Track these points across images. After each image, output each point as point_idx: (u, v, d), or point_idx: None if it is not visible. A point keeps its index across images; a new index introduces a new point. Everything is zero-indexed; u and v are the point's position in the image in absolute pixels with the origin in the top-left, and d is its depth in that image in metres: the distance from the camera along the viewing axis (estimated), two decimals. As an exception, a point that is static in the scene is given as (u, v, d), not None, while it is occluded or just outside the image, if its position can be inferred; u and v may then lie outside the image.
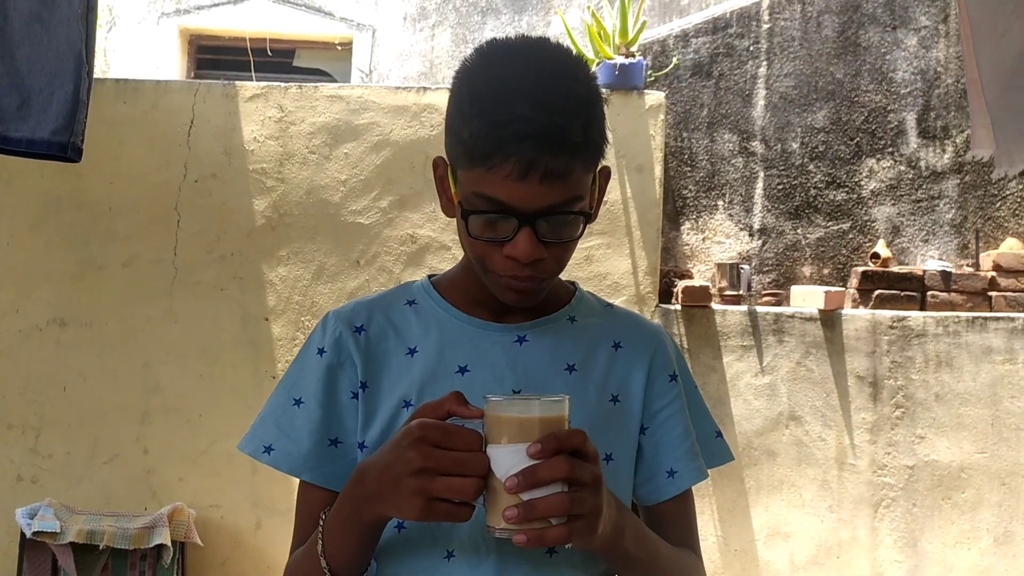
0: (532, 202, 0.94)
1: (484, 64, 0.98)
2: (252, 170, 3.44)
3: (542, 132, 0.91)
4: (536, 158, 0.91)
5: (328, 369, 1.06)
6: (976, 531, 3.49)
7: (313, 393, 1.05)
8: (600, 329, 1.12)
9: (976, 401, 3.50)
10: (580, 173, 0.96)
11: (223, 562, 3.37)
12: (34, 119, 2.12)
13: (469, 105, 0.95)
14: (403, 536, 1.02)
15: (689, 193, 3.89)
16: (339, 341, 1.06)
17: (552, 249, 0.98)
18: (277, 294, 3.43)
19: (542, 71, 0.95)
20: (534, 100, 0.91)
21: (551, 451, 0.82)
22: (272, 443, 1.05)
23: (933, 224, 3.92)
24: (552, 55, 0.98)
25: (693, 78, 3.93)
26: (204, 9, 5.26)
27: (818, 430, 3.49)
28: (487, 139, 0.92)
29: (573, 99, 0.94)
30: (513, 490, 0.82)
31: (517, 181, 0.92)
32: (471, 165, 0.94)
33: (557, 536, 0.83)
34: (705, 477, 1.10)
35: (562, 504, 0.82)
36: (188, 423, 3.38)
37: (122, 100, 3.42)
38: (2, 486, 3.35)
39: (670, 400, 1.10)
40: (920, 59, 3.97)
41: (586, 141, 0.95)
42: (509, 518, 0.81)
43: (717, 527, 3.46)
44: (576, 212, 0.97)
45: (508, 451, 0.84)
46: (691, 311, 3.50)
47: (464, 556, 1.00)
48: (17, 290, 3.38)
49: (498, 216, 0.95)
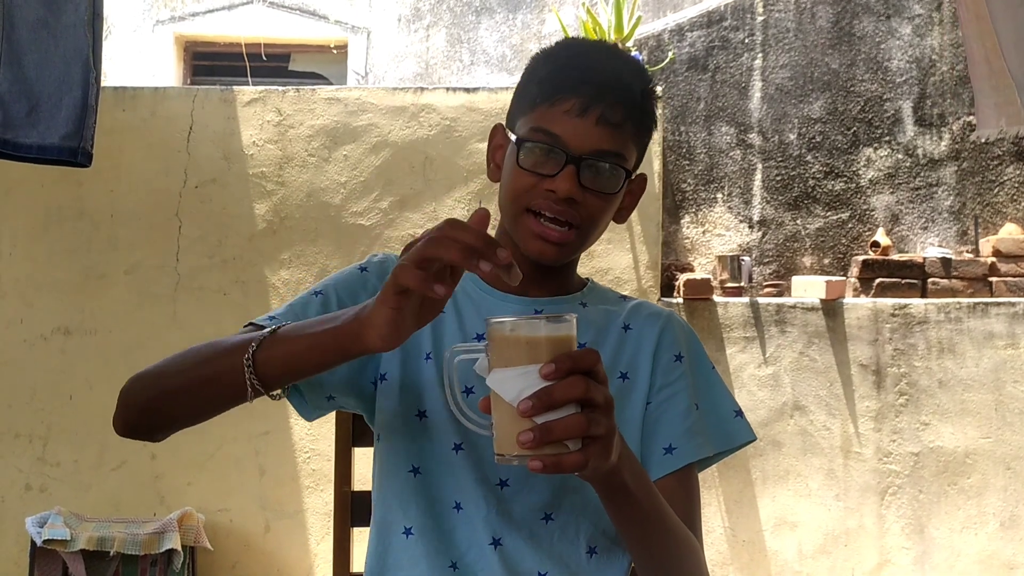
0: (583, 141, 1.01)
1: (562, 42, 1.12)
2: (252, 174, 3.45)
3: (608, 80, 1.03)
4: (597, 100, 1.01)
5: (361, 279, 1.11)
6: (983, 516, 3.50)
7: (335, 288, 1.10)
8: (611, 315, 1.15)
9: (979, 387, 3.51)
10: (630, 135, 1.05)
11: (233, 565, 3.38)
12: (43, 125, 2.13)
13: (544, 64, 1.07)
14: (417, 482, 1.05)
15: (688, 186, 3.90)
16: (383, 266, 1.13)
17: (589, 197, 1.03)
18: (280, 297, 3.43)
19: (615, 49, 1.13)
20: (605, 57, 1.06)
21: (565, 371, 0.78)
22: (277, 315, 1.07)
23: (932, 211, 3.93)
24: (624, 50, 1.18)
25: (689, 72, 3.94)
26: (199, 16, 5.27)
27: (823, 419, 3.50)
28: (557, 77, 1.03)
29: (638, 74, 1.08)
30: (527, 413, 0.77)
31: (576, 117, 1.01)
32: (535, 105, 1.04)
33: (575, 462, 0.79)
34: (705, 454, 1.10)
35: (580, 425, 0.78)
36: (194, 428, 3.36)
37: (120, 108, 3.42)
38: (11, 495, 3.36)
39: (674, 379, 1.11)
40: (915, 47, 3.98)
41: (641, 108, 1.06)
42: (524, 442, 0.77)
43: (724, 518, 3.47)
44: (619, 165, 1.04)
45: (517, 374, 0.79)
46: (693, 304, 3.51)
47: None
48: (21, 300, 3.39)
49: (549, 149, 1.02)
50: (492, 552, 1.03)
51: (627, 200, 1.11)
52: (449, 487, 1.05)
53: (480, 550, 1.04)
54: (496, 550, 1.04)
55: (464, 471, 1.05)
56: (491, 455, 0.84)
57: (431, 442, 1.07)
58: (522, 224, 1.05)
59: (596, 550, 1.07)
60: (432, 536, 1.05)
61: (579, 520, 1.06)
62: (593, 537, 1.07)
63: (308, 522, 3.39)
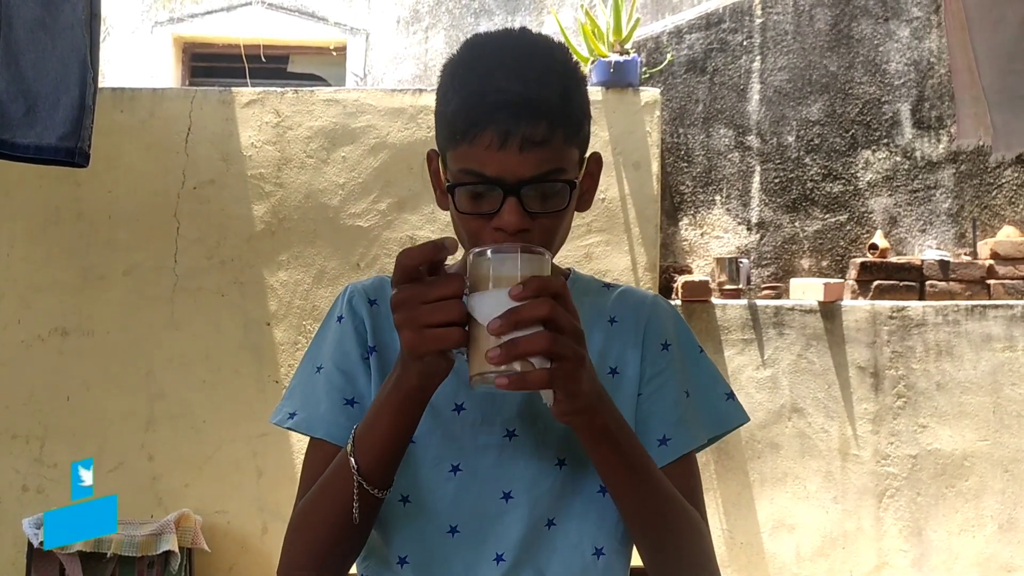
0: (514, 171, 0.96)
1: (466, 50, 1.03)
2: (250, 175, 3.45)
3: (518, 101, 0.95)
4: (514, 126, 0.94)
5: (343, 332, 1.10)
6: (980, 518, 3.50)
7: (330, 356, 1.09)
8: (596, 307, 1.13)
9: (977, 389, 3.52)
10: (561, 143, 0.98)
11: (230, 567, 3.37)
12: (41, 125, 2.13)
13: (451, 86, 1.00)
14: (407, 511, 1.04)
15: (686, 189, 3.90)
16: (354, 307, 1.11)
17: (539, 220, 0.99)
18: (278, 299, 3.43)
19: (519, 50, 1.00)
20: (510, 72, 0.96)
21: (533, 290, 0.83)
22: (295, 409, 1.08)
23: (930, 214, 3.93)
24: (530, 38, 1.03)
25: (688, 74, 3.94)
26: (197, 17, 5.27)
27: (821, 422, 3.50)
28: (467, 112, 0.96)
29: (549, 71, 0.98)
30: (495, 331, 0.83)
31: (497, 151, 0.95)
32: (456, 142, 0.98)
33: (539, 379, 0.83)
34: (699, 443, 1.09)
35: (543, 341, 0.82)
36: (192, 429, 3.39)
37: (119, 109, 3.42)
38: (8, 497, 3.35)
39: (662, 368, 1.10)
40: (913, 50, 3.99)
41: (564, 110, 0.98)
42: (492, 358, 0.82)
43: (722, 520, 3.47)
44: (559, 180, 0.98)
45: (489, 296, 0.85)
46: (691, 306, 3.51)
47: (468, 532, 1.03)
48: (19, 301, 3.39)
49: (484, 188, 0.97)
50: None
51: (587, 184, 1.07)
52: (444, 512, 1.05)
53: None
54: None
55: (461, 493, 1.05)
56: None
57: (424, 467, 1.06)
58: None
59: (602, 551, 1.06)
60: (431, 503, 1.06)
61: (582, 525, 1.05)
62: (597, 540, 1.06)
63: (306, 524, 3.38)
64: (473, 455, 1.03)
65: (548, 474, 1.04)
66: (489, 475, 1.04)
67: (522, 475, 1.04)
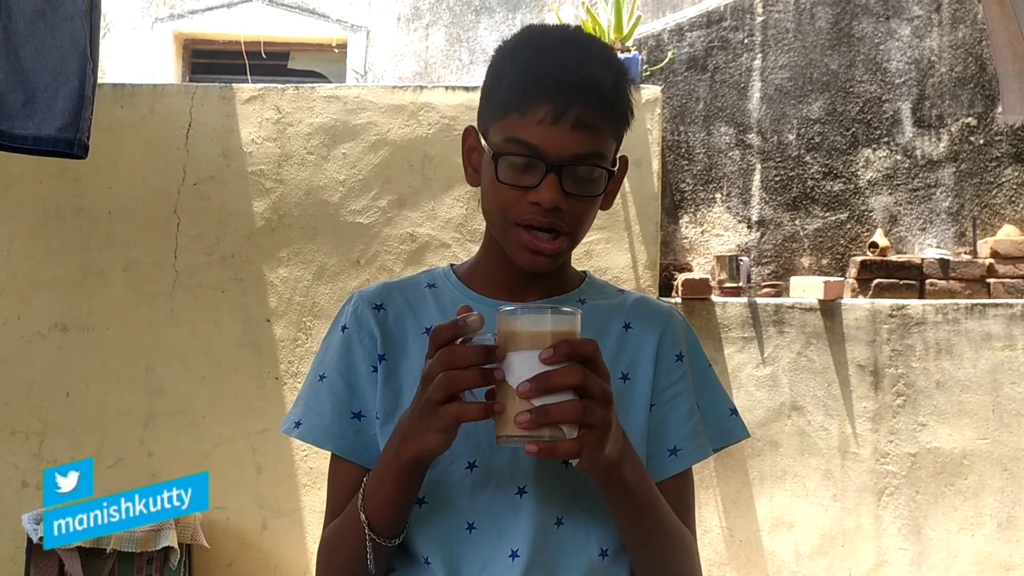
0: (561, 148, 0.98)
1: (525, 33, 1.06)
2: (251, 172, 3.45)
3: (579, 81, 0.97)
4: (570, 105, 0.97)
5: (349, 343, 1.10)
6: (979, 517, 3.50)
7: (335, 367, 1.10)
8: (610, 311, 1.14)
9: (977, 388, 3.52)
10: (607, 131, 1.01)
11: (230, 563, 3.38)
12: (40, 116, 2.12)
13: (511, 63, 1.02)
14: (423, 512, 1.05)
15: (687, 186, 3.90)
16: (360, 317, 1.11)
17: (573, 203, 1.01)
18: (278, 295, 3.43)
19: (578, 39, 1.04)
20: (571, 54, 0.99)
21: (563, 356, 0.83)
22: (300, 419, 1.09)
23: (930, 212, 3.93)
24: (587, 34, 1.06)
25: (688, 72, 3.94)
26: (198, 13, 5.26)
27: (820, 420, 3.50)
28: (526, 85, 0.98)
29: (608, 62, 1.02)
30: (525, 395, 0.82)
31: (550, 125, 0.97)
32: (506, 113, 1.00)
33: (569, 449, 0.84)
34: (708, 456, 1.11)
35: (575, 410, 0.83)
36: (192, 425, 3.39)
37: (119, 105, 3.42)
38: (7, 492, 3.35)
39: (676, 379, 1.11)
40: (914, 48, 3.98)
41: (616, 100, 1.01)
42: (521, 423, 0.82)
43: (722, 518, 3.47)
44: (600, 166, 1.01)
45: (520, 358, 0.84)
46: (691, 304, 3.51)
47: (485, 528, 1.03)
48: (18, 296, 3.38)
49: (527, 160, 0.99)
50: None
51: (611, 186, 1.08)
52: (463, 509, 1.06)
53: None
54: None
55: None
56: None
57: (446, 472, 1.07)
58: (512, 237, 1.04)
59: (607, 552, 1.07)
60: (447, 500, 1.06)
61: (589, 526, 1.06)
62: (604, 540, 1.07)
63: (305, 520, 3.39)
64: (489, 452, 1.03)
65: (559, 472, 1.04)
66: (504, 471, 1.04)
67: (535, 472, 1.04)
